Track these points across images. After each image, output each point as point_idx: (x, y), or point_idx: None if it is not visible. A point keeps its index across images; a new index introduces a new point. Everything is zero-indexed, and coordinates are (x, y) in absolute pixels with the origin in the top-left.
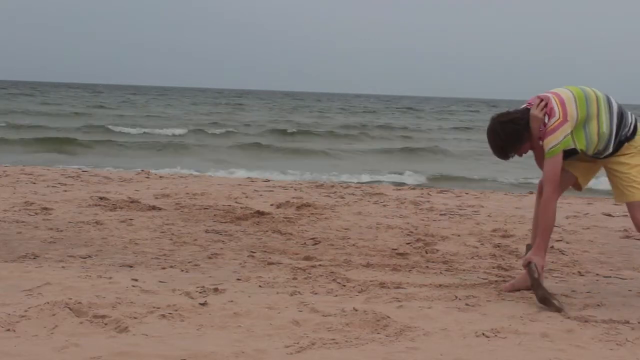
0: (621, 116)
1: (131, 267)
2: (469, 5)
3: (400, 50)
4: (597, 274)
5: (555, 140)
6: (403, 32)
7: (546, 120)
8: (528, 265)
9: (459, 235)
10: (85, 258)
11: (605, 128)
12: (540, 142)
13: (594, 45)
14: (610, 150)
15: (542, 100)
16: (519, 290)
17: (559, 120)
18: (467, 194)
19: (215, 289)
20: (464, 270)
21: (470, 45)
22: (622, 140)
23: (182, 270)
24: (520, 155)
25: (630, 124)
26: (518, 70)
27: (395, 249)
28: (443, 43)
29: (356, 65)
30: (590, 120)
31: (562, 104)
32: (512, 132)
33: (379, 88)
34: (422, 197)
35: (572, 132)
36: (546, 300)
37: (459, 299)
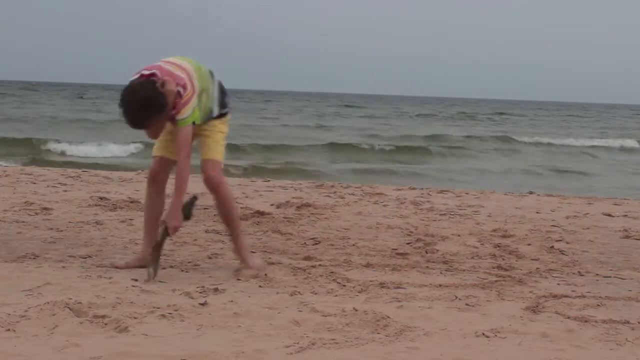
0: (223, 90)
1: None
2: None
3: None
4: (597, 274)
5: (188, 112)
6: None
7: (181, 92)
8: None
9: (459, 235)
10: (85, 258)
11: (211, 102)
12: (175, 115)
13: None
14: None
15: (166, 74)
16: (134, 267)
17: (190, 92)
18: (467, 194)
19: (215, 289)
20: (464, 270)
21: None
22: (222, 113)
23: (182, 270)
24: (156, 128)
25: (228, 105)
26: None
27: (395, 249)
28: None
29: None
30: (203, 92)
31: (190, 76)
32: (160, 104)
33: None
34: (422, 197)
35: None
36: (151, 262)
37: (459, 299)
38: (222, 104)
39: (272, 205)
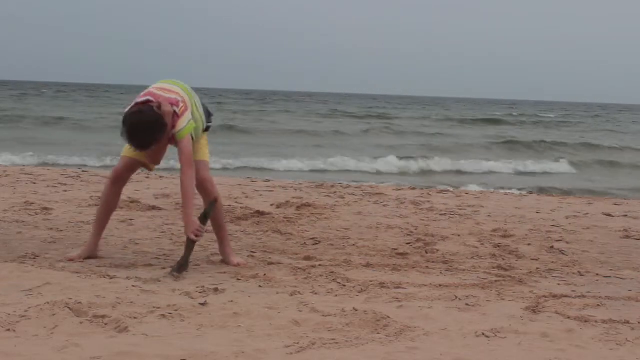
0: (206, 108)
1: (131, 267)
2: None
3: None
4: (597, 274)
5: (184, 123)
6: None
7: (177, 111)
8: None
9: (459, 235)
10: (86, 258)
11: (201, 116)
12: (173, 130)
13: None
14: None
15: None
16: (86, 258)
17: (183, 107)
18: (467, 194)
19: (215, 289)
20: (464, 270)
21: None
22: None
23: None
24: (158, 149)
25: (211, 116)
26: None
27: (395, 249)
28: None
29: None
30: (194, 108)
31: (181, 96)
32: (162, 123)
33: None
34: (422, 197)
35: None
36: (180, 267)
37: (459, 299)
38: (208, 119)
39: (272, 205)
